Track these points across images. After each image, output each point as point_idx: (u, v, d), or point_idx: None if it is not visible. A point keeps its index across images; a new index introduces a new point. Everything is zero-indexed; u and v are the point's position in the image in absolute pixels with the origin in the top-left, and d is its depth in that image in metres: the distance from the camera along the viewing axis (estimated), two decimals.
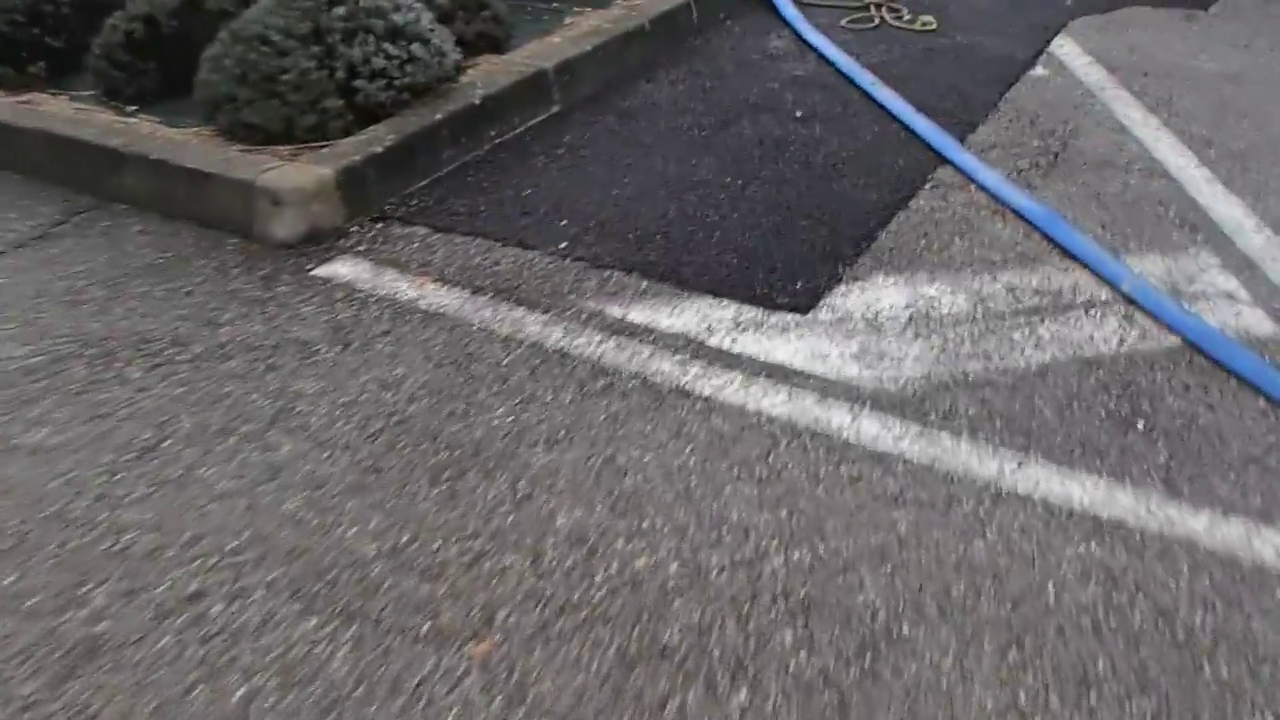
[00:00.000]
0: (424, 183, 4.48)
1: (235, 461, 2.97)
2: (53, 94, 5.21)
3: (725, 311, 3.51)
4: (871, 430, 2.92)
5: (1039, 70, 5.57)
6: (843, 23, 6.41)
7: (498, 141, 4.86)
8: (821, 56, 5.90)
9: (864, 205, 4.19)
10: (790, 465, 2.81)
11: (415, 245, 4.03)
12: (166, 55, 5.01)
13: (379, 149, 4.27)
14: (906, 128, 4.93)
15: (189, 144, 4.42)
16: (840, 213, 4.13)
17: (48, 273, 3.98)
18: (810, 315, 3.46)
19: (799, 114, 5.18)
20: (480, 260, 3.91)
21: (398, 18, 4.62)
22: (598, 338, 3.41)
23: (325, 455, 2.97)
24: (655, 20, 5.90)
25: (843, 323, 3.41)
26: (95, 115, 4.86)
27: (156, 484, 2.90)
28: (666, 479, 2.79)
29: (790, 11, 6.47)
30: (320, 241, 4.04)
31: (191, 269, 3.94)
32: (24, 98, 5.08)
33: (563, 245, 3.99)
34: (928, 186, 4.30)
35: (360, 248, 4.02)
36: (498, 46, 5.48)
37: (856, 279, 3.65)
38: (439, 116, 4.54)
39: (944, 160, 4.52)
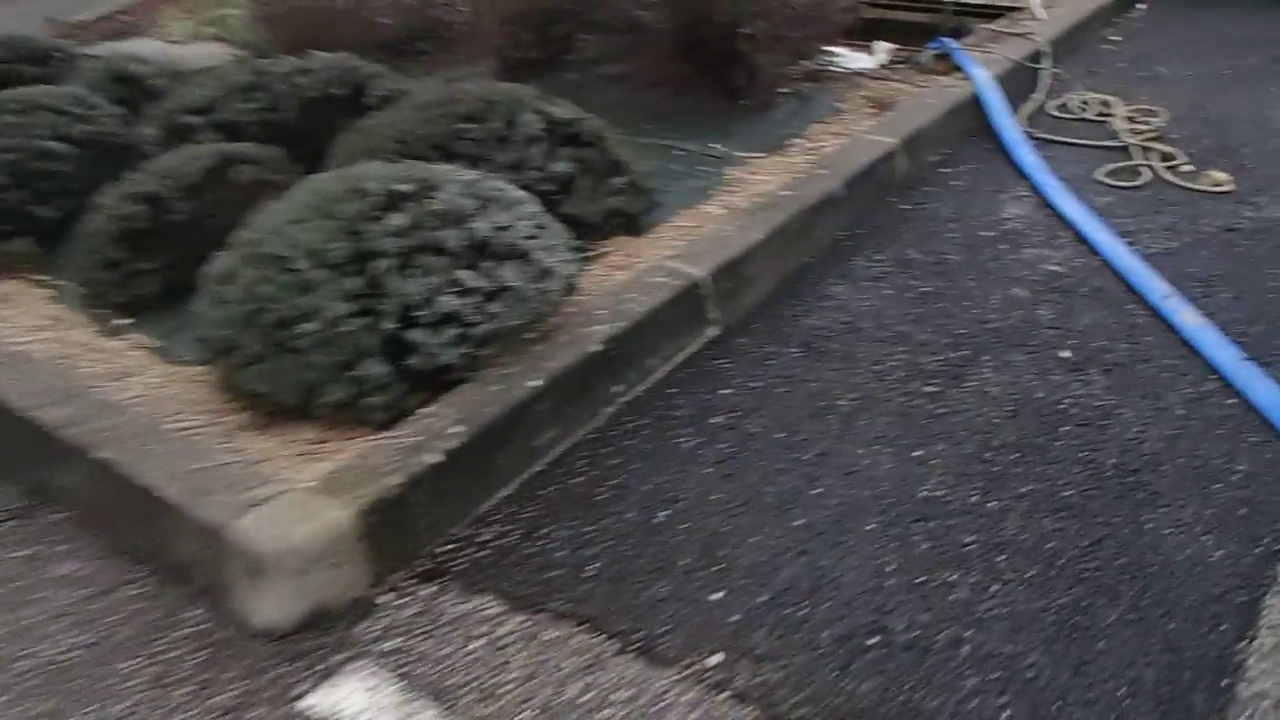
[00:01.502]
0: (506, 492, 2.92)
1: None
2: (36, 282, 3.83)
3: None
4: None
5: None
6: (1099, 175, 4.66)
7: (625, 401, 3.27)
8: (1081, 237, 4.19)
9: (1207, 576, 2.57)
10: None
11: (478, 644, 2.48)
12: (177, 246, 3.56)
13: (437, 457, 2.72)
14: (1241, 395, 3.23)
15: (160, 424, 2.93)
16: (1168, 590, 2.51)
17: None
18: None
19: (1066, 355, 3.50)
20: (581, 690, 2.32)
21: (482, 224, 3.08)
22: None
23: None
24: (851, 180, 4.25)
25: None
26: (65, 337, 3.44)
27: None
28: None
29: (1028, 159, 4.76)
30: (328, 627, 2.50)
31: (116, 674, 2.44)
32: None
33: (714, 659, 2.40)
34: None
35: (388, 644, 2.48)
36: (634, 226, 3.91)
37: None
38: (538, 382, 2.98)
39: None
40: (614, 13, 4.89)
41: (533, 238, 3.19)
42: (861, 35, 5.89)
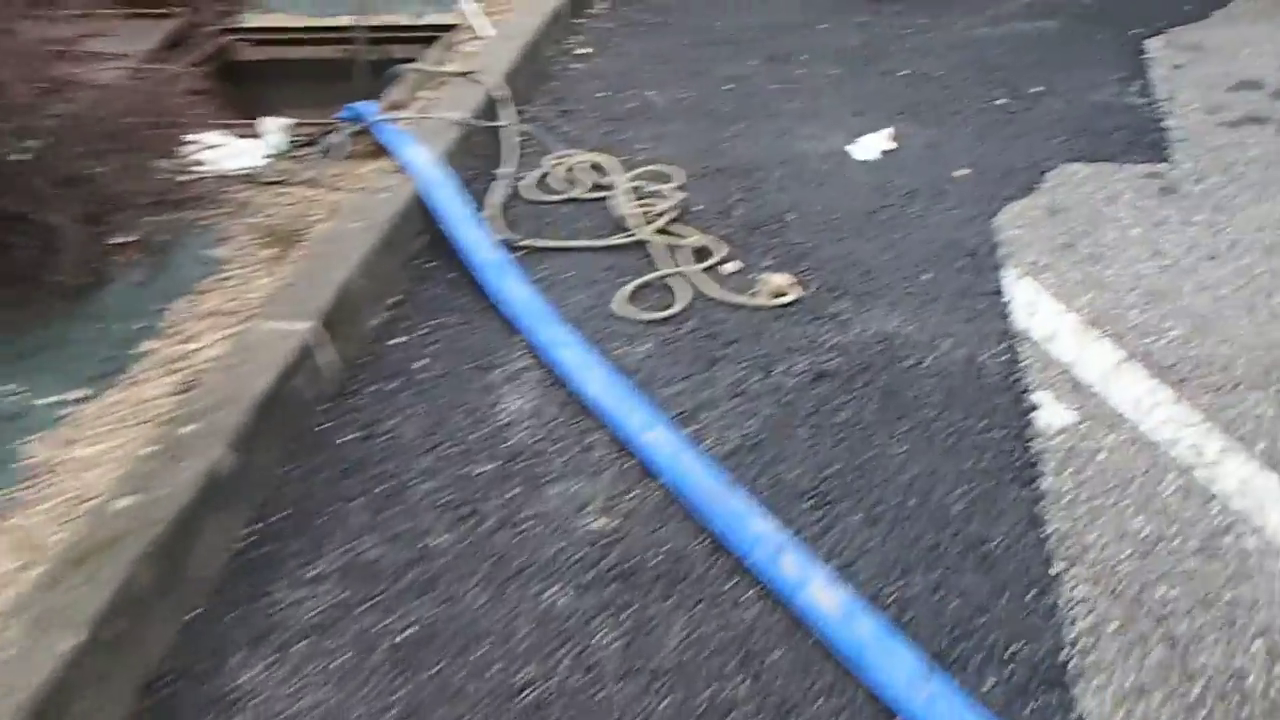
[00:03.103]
0: None
1: None
2: None
3: None
4: None
5: (1049, 410, 2.76)
6: (618, 305, 3.17)
7: None
8: (622, 442, 2.69)
9: None
10: None
11: None
12: None
13: None
14: None
15: None
16: None
17: None
18: None
19: None
20: None
21: None
22: None
23: None
24: (245, 432, 2.47)
25: None
26: None
27: None
28: None
29: (514, 293, 3.17)
30: None
31: None
32: None
33: None
34: None
35: None
36: None
37: None
38: None
39: None
40: None
41: None
42: (243, 98, 4.05)
